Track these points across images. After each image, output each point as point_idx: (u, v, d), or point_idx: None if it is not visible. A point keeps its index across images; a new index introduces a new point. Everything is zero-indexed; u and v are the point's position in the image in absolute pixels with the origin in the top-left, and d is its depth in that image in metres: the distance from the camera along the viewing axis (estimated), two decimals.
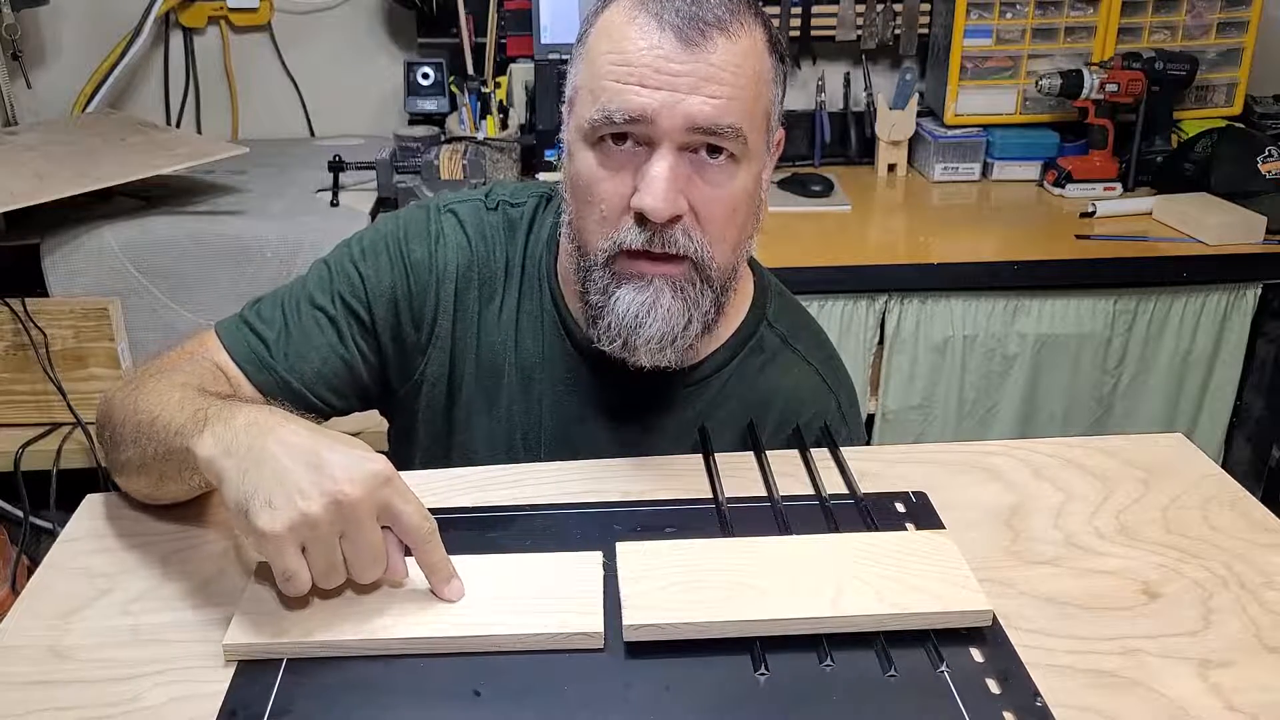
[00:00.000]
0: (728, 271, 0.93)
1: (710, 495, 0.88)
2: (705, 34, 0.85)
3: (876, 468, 0.92)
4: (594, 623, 0.71)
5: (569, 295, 1.01)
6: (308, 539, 0.69)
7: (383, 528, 0.72)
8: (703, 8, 0.85)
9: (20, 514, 1.76)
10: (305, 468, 0.69)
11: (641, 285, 0.89)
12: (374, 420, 1.11)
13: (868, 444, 1.10)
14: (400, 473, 0.73)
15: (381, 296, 1.00)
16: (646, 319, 0.89)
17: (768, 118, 0.91)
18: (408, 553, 0.74)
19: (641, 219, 0.87)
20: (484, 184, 1.76)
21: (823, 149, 2.39)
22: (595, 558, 0.77)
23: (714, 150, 0.87)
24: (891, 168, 2.36)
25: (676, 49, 0.84)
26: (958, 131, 2.31)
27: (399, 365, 1.03)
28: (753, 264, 1.08)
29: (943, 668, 0.69)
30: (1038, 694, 0.67)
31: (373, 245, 1.02)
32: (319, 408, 1.00)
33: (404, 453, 1.07)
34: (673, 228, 0.87)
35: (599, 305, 0.91)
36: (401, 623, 0.71)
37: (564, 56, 2.18)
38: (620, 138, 0.87)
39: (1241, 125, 2.30)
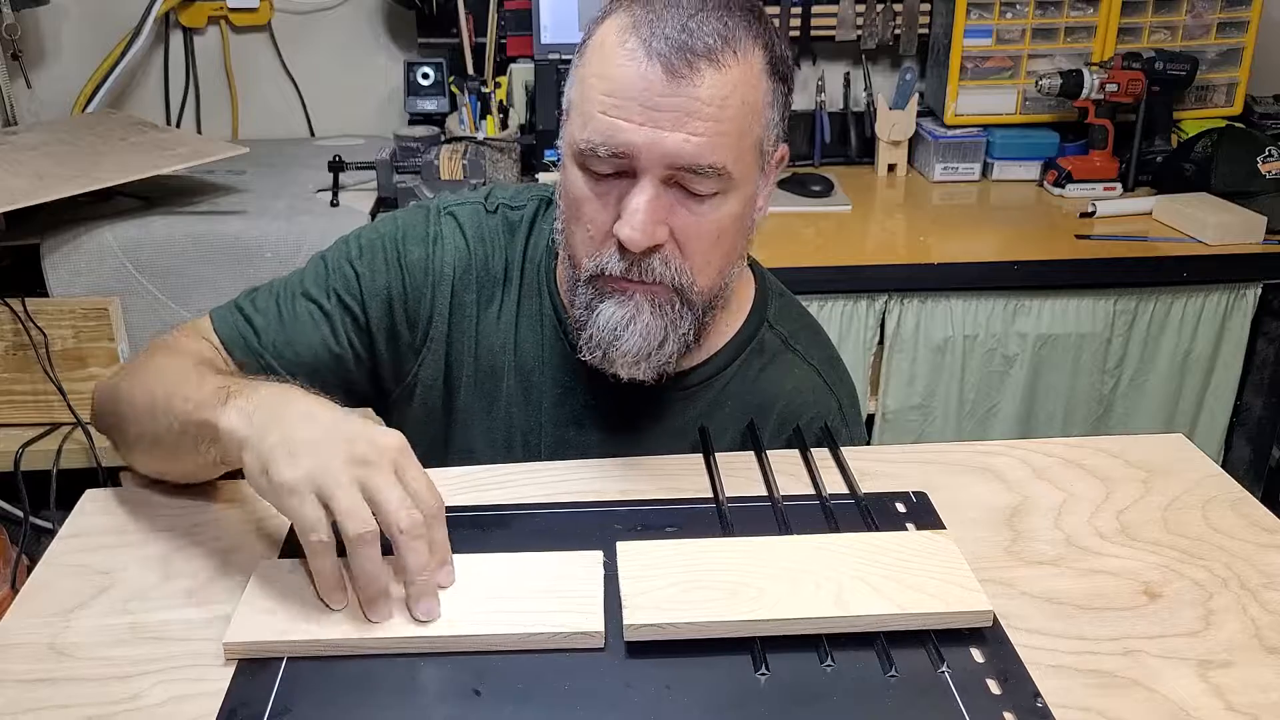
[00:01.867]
0: (711, 294, 0.93)
1: (710, 495, 0.88)
2: (693, 65, 0.83)
3: (876, 468, 0.92)
4: (594, 622, 0.71)
5: (568, 299, 1.01)
6: (326, 488, 0.69)
7: None
8: (694, 36, 0.83)
9: (20, 514, 1.76)
10: (324, 430, 0.71)
11: (623, 300, 0.90)
12: (371, 418, 1.12)
13: (868, 444, 1.10)
14: None
15: (376, 296, 1.00)
16: (624, 333, 0.90)
17: (759, 145, 0.90)
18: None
19: (623, 246, 0.87)
20: (484, 185, 1.77)
21: (823, 149, 2.39)
22: (595, 557, 0.77)
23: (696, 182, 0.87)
24: (891, 168, 2.36)
25: (661, 80, 0.83)
26: (958, 131, 2.31)
27: (393, 365, 1.03)
28: (754, 266, 1.08)
29: (943, 668, 0.69)
30: (1038, 694, 0.67)
31: (370, 245, 1.02)
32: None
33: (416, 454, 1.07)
34: (650, 257, 0.87)
35: (582, 319, 0.92)
36: (401, 623, 0.71)
37: (564, 57, 2.18)
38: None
39: (1241, 125, 2.30)
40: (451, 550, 0.75)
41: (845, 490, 0.88)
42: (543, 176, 2.13)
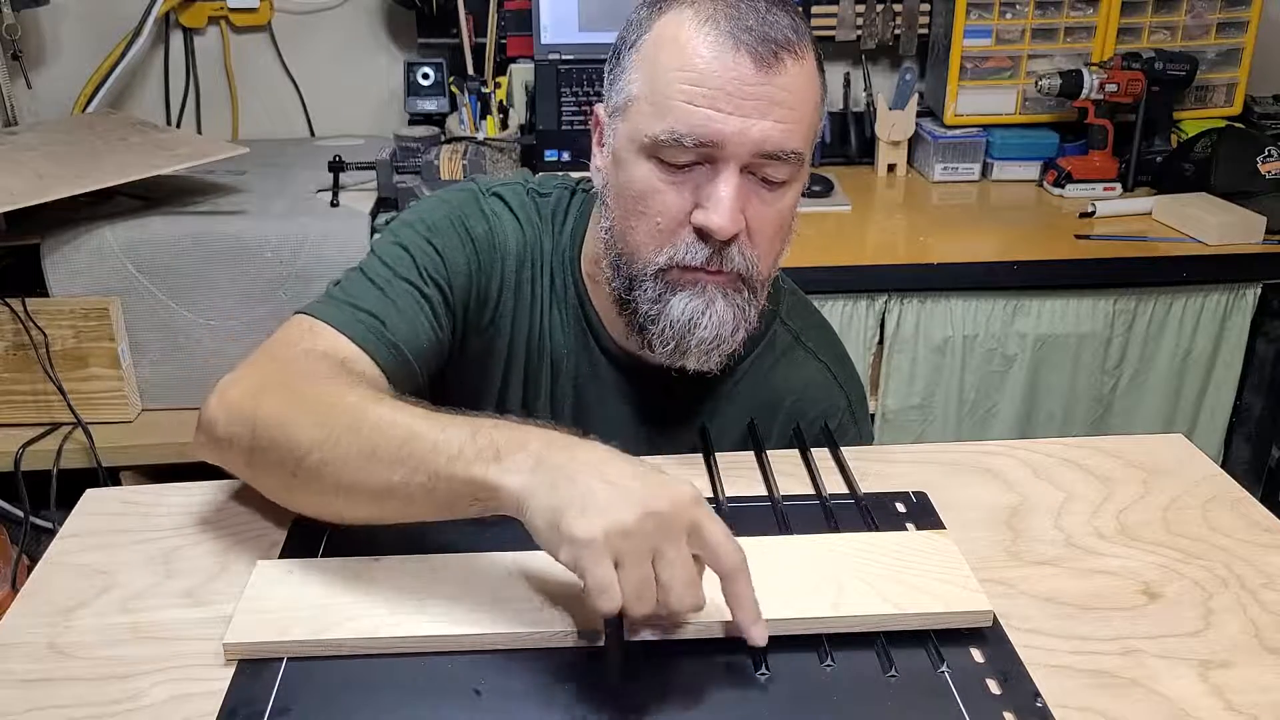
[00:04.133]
0: (767, 281, 0.94)
1: (710, 495, 0.88)
2: (777, 56, 0.85)
3: (876, 468, 0.92)
4: (595, 622, 0.71)
5: (594, 291, 1.01)
6: (622, 550, 0.65)
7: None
8: (773, 27, 0.85)
9: (20, 514, 1.76)
10: (614, 484, 0.67)
11: (696, 291, 0.90)
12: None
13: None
14: None
15: (459, 273, 0.99)
16: (701, 320, 0.90)
17: (818, 137, 0.93)
18: None
19: (702, 235, 0.87)
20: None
21: (823, 149, 2.39)
22: None
23: (771, 170, 0.88)
24: (891, 168, 2.36)
25: (750, 70, 0.84)
26: (957, 131, 2.31)
27: (461, 343, 1.02)
28: None
29: (943, 668, 0.69)
30: (1038, 694, 0.67)
31: (436, 224, 1.00)
32: (419, 386, 0.96)
33: None
34: (730, 246, 0.88)
35: (651, 314, 0.91)
36: (401, 623, 0.71)
37: (564, 57, 2.18)
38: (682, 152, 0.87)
39: (1241, 125, 2.30)
40: (451, 551, 0.74)
41: (845, 490, 0.88)
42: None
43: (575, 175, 1.09)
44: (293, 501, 0.81)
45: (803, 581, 0.73)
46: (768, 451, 0.93)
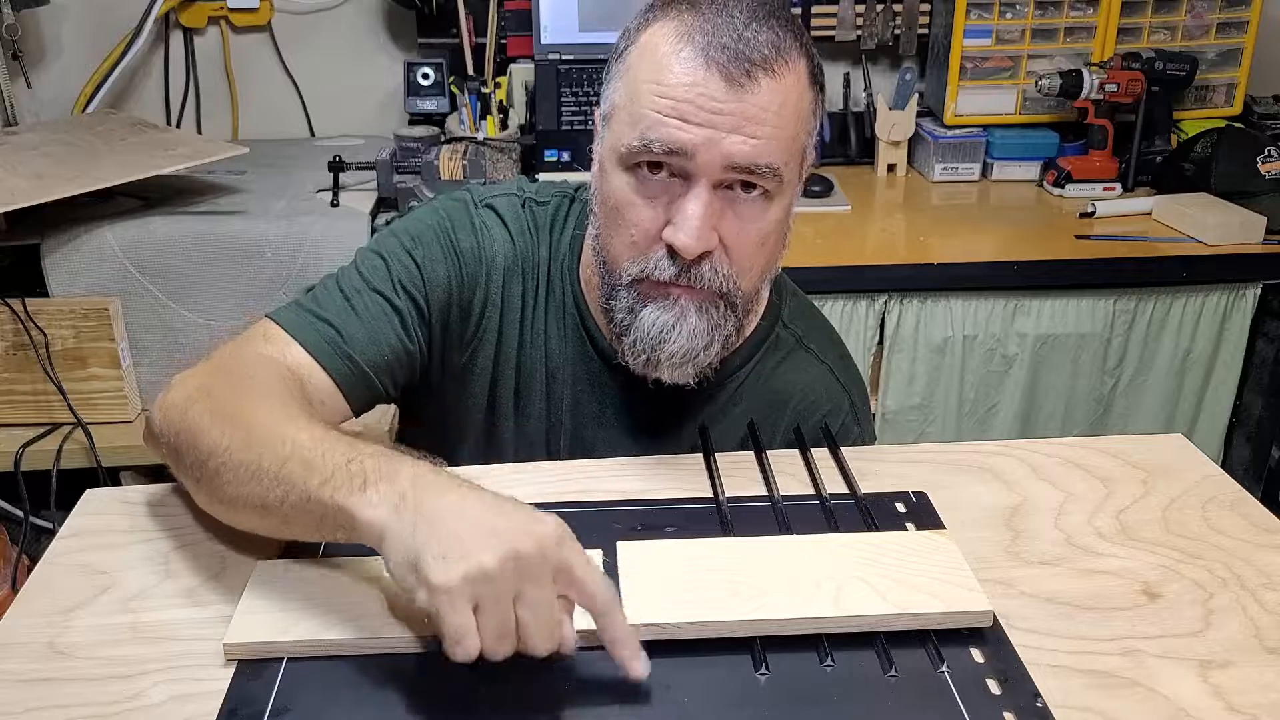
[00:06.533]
0: (750, 296, 0.94)
1: (710, 495, 0.88)
2: (750, 74, 0.84)
3: (876, 468, 0.92)
4: (594, 622, 0.71)
5: (590, 299, 1.01)
6: (482, 595, 0.63)
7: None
8: (750, 46, 0.84)
9: (20, 514, 1.76)
10: (479, 525, 0.65)
11: (667, 304, 0.89)
12: (375, 415, 1.09)
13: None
14: None
15: (437, 286, 0.99)
16: (671, 334, 0.89)
17: (804, 150, 0.91)
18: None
19: (673, 250, 0.87)
20: (484, 183, 1.77)
21: (822, 149, 2.37)
22: (595, 557, 0.77)
23: (748, 186, 0.87)
24: (891, 168, 2.36)
25: (721, 89, 0.83)
26: (957, 131, 2.31)
27: (441, 357, 1.02)
28: None
29: (943, 668, 0.69)
30: (1038, 694, 0.67)
31: (421, 235, 1.00)
32: (380, 396, 0.97)
33: (443, 449, 1.05)
34: (700, 264, 0.87)
35: (625, 323, 0.91)
36: (402, 623, 0.71)
37: (564, 57, 2.18)
38: (656, 166, 0.87)
39: (1241, 125, 2.30)
40: None
41: (845, 490, 0.88)
42: (542, 177, 2.13)
43: (574, 181, 1.09)
44: (203, 504, 0.82)
45: (803, 581, 0.73)
46: (768, 452, 0.93)
